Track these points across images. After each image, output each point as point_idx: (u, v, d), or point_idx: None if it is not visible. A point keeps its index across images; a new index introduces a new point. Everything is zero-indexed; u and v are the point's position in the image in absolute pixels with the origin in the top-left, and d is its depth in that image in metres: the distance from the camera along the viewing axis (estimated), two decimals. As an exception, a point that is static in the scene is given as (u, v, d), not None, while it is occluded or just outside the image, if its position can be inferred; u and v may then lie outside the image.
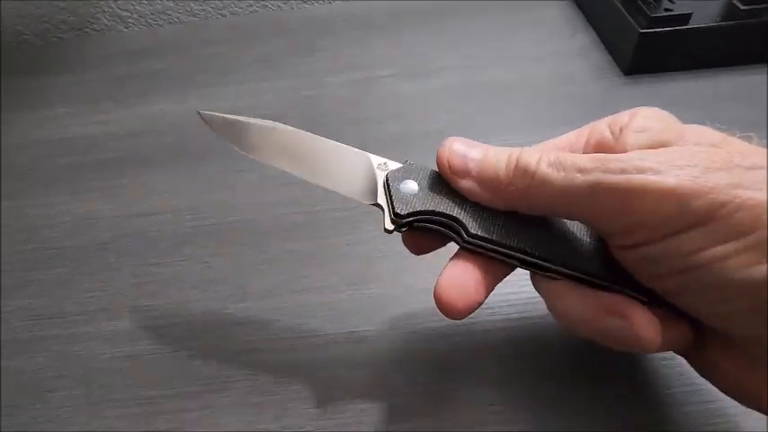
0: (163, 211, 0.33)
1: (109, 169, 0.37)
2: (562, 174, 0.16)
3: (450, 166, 0.18)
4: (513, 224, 0.18)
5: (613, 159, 0.15)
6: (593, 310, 0.17)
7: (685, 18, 0.33)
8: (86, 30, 0.55)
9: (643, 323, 0.16)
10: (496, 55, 0.41)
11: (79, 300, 0.28)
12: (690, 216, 0.14)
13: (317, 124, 0.38)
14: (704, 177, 0.14)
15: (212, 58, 0.47)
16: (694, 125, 0.17)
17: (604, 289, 0.17)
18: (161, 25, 0.55)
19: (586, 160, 0.16)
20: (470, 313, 0.18)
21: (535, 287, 0.21)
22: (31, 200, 0.35)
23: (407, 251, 0.28)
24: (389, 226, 0.19)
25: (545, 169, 0.16)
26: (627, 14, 0.35)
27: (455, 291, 0.18)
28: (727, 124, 0.30)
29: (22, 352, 0.26)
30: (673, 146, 0.16)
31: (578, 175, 0.16)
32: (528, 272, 0.19)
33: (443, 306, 0.18)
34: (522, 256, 0.18)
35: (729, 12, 0.34)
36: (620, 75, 0.37)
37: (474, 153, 0.18)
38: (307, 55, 0.45)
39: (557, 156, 0.16)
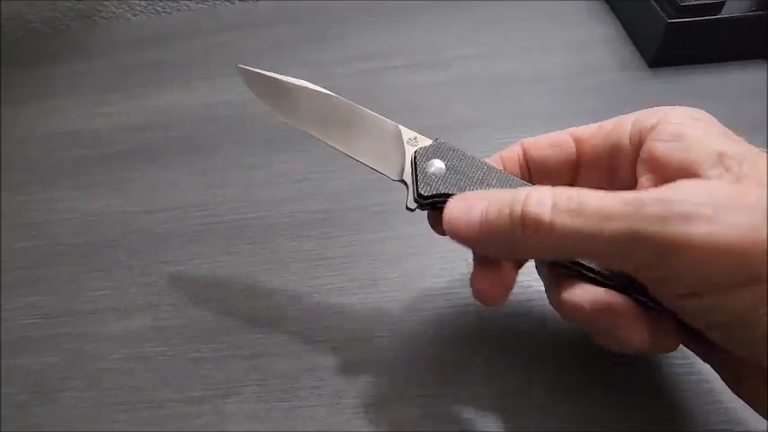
0: (172, 208, 0.32)
1: (116, 163, 0.36)
2: (584, 221, 0.13)
3: (457, 237, 0.16)
4: None
5: (651, 203, 0.13)
6: (590, 303, 0.16)
7: (717, 7, 0.31)
8: (94, 17, 0.54)
9: (632, 328, 0.15)
10: (514, 45, 0.40)
11: (89, 298, 0.28)
12: (746, 273, 0.12)
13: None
14: (764, 227, 0.12)
15: (221, 46, 0.46)
16: (743, 144, 0.15)
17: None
18: (169, 12, 0.54)
19: (615, 204, 0.13)
20: (506, 298, 0.18)
21: (538, 273, 0.20)
22: (38, 194, 0.35)
23: (418, 253, 0.27)
24: (412, 205, 0.19)
25: (562, 220, 0.14)
26: (654, 2, 0.33)
27: (488, 281, 0.17)
28: (759, 119, 0.29)
29: (32, 350, 0.26)
30: (711, 164, 0.14)
31: (606, 223, 0.13)
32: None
33: (481, 297, 0.17)
34: None
35: (764, 0, 0.32)
36: (644, 66, 0.35)
37: (473, 216, 0.16)
38: (317, 44, 0.44)
39: (576, 200, 0.14)
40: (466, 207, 0.16)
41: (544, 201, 0.14)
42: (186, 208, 0.32)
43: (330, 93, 0.21)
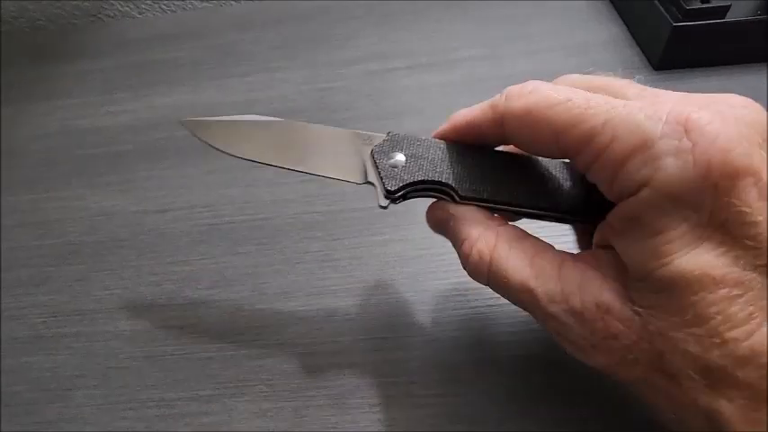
0: (179, 207, 0.32)
1: (123, 162, 0.36)
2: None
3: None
4: (502, 180, 0.18)
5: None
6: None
7: (723, 11, 0.31)
8: (100, 15, 0.54)
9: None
10: (521, 46, 0.40)
11: (98, 297, 0.28)
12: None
13: (333, 120, 0.38)
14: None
15: (227, 46, 0.46)
16: None
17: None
18: (174, 11, 0.54)
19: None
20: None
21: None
22: (46, 193, 0.35)
23: (424, 255, 0.27)
24: (383, 202, 0.19)
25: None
26: (659, 5, 0.33)
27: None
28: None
29: (43, 349, 0.26)
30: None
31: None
32: None
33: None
34: (512, 208, 0.18)
35: (770, 4, 0.32)
36: (649, 69, 0.35)
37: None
38: (323, 43, 0.44)
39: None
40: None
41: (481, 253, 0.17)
42: (193, 208, 0.32)
43: (277, 119, 0.21)
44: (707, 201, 0.13)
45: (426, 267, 0.27)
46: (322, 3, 0.49)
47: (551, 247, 0.17)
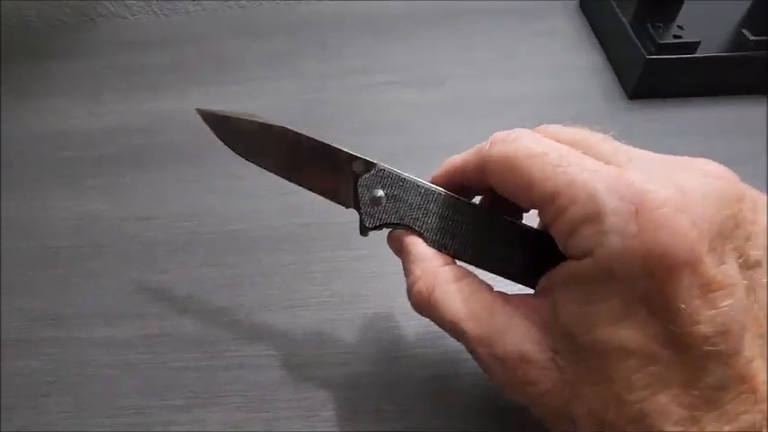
0: (160, 215, 0.33)
1: (106, 166, 0.37)
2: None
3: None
4: (469, 240, 0.19)
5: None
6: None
7: (693, 46, 0.33)
8: (92, 15, 0.54)
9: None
10: (504, 67, 0.41)
11: (75, 303, 0.28)
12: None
13: (317, 134, 0.38)
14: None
15: (217, 53, 0.46)
16: None
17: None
18: (167, 15, 0.54)
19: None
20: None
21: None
22: (26, 195, 0.35)
23: (399, 272, 0.28)
24: (363, 232, 0.21)
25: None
26: (635, 37, 0.35)
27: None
28: (727, 155, 0.30)
29: (20, 354, 0.27)
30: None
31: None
32: None
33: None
34: (474, 265, 0.19)
35: (738, 42, 0.33)
36: (624, 98, 0.36)
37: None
38: (312, 54, 0.45)
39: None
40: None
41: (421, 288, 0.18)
42: (174, 216, 0.33)
43: (283, 126, 0.21)
44: (640, 284, 0.13)
45: (400, 284, 0.27)
46: (315, 13, 0.49)
47: (488, 287, 0.18)
